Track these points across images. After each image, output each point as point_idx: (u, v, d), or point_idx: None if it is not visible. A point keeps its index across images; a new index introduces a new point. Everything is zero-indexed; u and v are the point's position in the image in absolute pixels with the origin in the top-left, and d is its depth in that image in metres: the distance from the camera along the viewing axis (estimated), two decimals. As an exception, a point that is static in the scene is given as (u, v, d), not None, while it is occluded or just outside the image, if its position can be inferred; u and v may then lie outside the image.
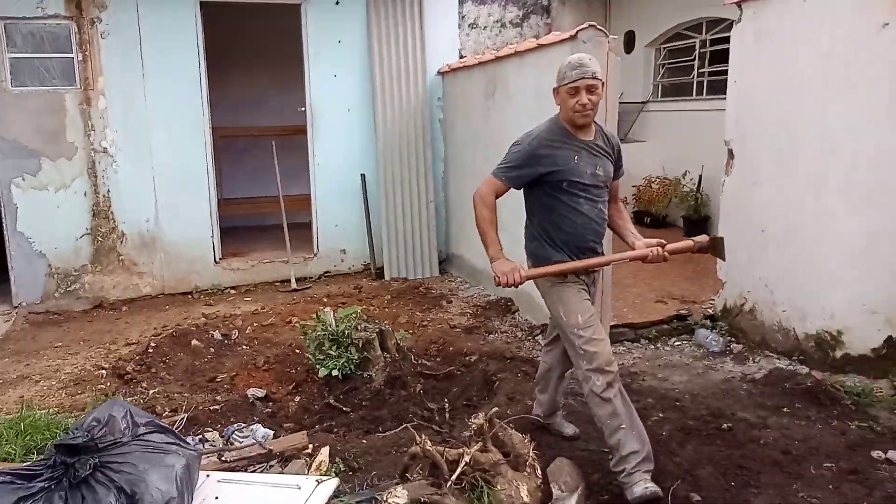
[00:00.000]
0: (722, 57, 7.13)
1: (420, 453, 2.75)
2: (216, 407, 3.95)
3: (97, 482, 2.19)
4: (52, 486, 2.20)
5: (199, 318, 5.66)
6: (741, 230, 4.71)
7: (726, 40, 5.39)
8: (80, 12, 6.00)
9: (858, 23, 3.87)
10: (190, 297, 6.51)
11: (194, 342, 4.77)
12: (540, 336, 4.90)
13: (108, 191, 6.27)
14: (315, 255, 6.99)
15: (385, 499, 2.59)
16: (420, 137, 6.86)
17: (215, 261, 6.69)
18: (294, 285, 6.59)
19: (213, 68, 6.61)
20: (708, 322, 4.99)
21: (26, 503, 2.16)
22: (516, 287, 2.95)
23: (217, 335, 4.97)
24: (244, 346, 4.90)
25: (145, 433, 2.36)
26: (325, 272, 7.01)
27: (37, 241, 6.15)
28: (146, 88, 6.24)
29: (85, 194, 6.22)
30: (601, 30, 4.41)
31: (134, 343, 5.15)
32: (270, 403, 4.18)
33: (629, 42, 9.42)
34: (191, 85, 6.37)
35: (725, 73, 4.94)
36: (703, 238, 3.07)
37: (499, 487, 2.63)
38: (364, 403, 4.15)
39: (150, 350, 4.67)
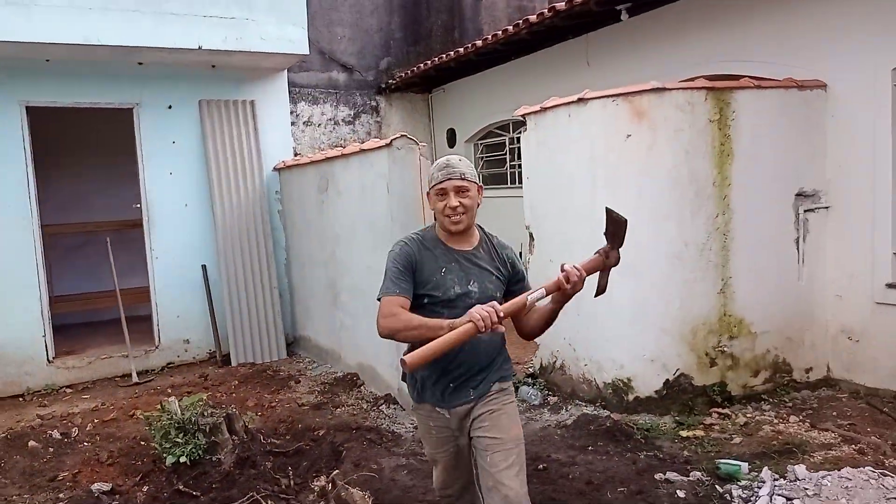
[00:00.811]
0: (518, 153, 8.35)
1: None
2: (59, 505, 3.99)
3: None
4: None
5: (33, 419, 5.52)
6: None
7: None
8: None
9: (610, 134, 4.93)
10: (21, 399, 6.28)
11: (31, 443, 4.72)
12: (384, 406, 5.37)
13: (-73, 294, 6.03)
14: (157, 346, 7.03)
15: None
16: (260, 228, 7.26)
17: (48, 360, 6.53)
18: (135, 378, 6.58)
19: (44, 165, 6.65)
20: (529, 380, 5.74)
21: None
22: (499, 328, 2.27)
23: (56, 434, 4.93)
24: (85, 443, 4.90)
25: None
26: (169, 363, 7.06)
27: None
28: (-29, 189, 6.18)
29: None
30: (412, 139, 5.18)
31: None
32: (117, 496, 4.24)
33: (451, 138, 10.52)
34: (18, 184, 6.39)
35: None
36: (603, 248, 2.65)
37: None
38: (214, 486, 4.34)
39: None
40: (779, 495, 3.55)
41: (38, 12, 5.65)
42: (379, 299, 2.55)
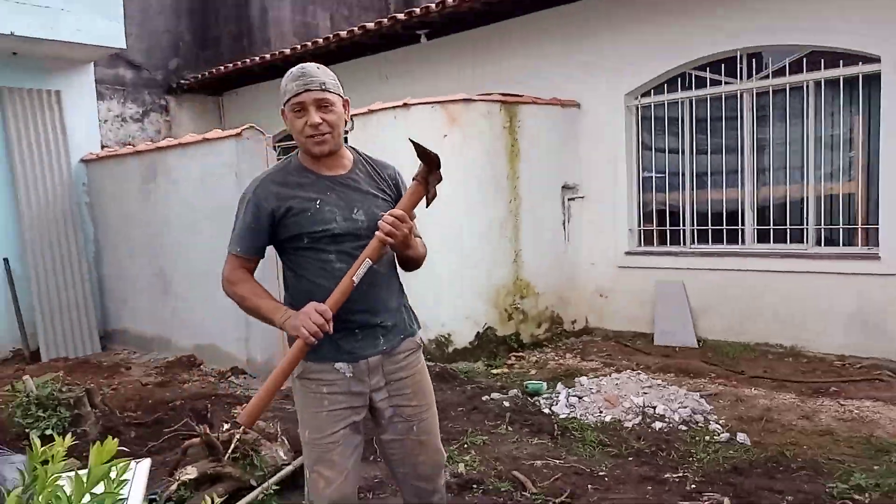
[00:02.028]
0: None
1: (198, 443, 3.59)
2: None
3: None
4: None
5: None
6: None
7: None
8: None
9: (431, 134, 6.00)
10: None
11: None
12: (232, 377, 5.82)
13: None
14: (-47, 346, 6.56)
15: (177, 477, 3.38)
16: (69, 220, 7.11)
17: None
18: (-68, 380, 6.10)
19: None
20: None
21: None
22: (329, 331, 2.03)
23: None
24: (-81, 434, 4.67)
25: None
26: (-34, 364, 6.61)
27: None
28: None
29: None
30: (259, 130, 5.77)
31: None
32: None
33: (247, 138, 10.88)
34: None
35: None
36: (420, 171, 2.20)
37: (263, 452, 3.64)
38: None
39: None
40: (573, 396, 4.87)
41: None
42: (228, 251, 2.27)
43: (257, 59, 9.29)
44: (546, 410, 4.78)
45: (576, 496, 3.47)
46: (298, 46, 8.69)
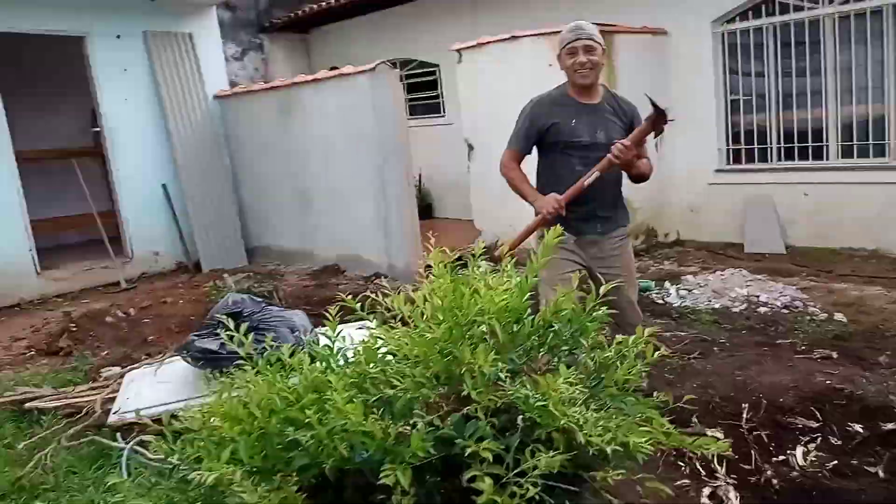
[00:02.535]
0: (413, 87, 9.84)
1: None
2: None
3: (258, 331, 3.55)
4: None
5: (60, 317, 6.15)
6: (486, 195, 7.26)
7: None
8: None
9: (535, 64, 6.63)
10: (16, 308, 6.73)
11: (109, 318, 5.53)
12: (377, 280, 6.76)
13: (-83, 214, 6.23)
14: (130, 259, 7.67)
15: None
16: (213, 151, 8.08)
17: (37, 272, 6.98)
18: (124, 284, 7.25)
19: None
20: (472, 258, 7.43)
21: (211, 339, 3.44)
22: (563, 214, 2.89)
23: (120, 314, 5.74)
24: (147, 320, 5.77)
25: (266, 306, 3.75)
26: (142, 273, 7.74)
27: None
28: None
29: None
30: (389, 64, 6.51)
31: (36, 331, 5.60)
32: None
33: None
34: (-11, 112, 6.66)
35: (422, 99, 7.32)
36: (650, 115, 2.94)
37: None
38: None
39: (73, 328, 5.31)
40: (682, 290, 5.66)
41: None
42: (507, 146, 3.25)
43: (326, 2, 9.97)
44: (660, 301, 5.58)
45: (705, 356, 4.30)
46: None
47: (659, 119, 2.97)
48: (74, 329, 5.40)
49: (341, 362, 1.85)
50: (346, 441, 1.53)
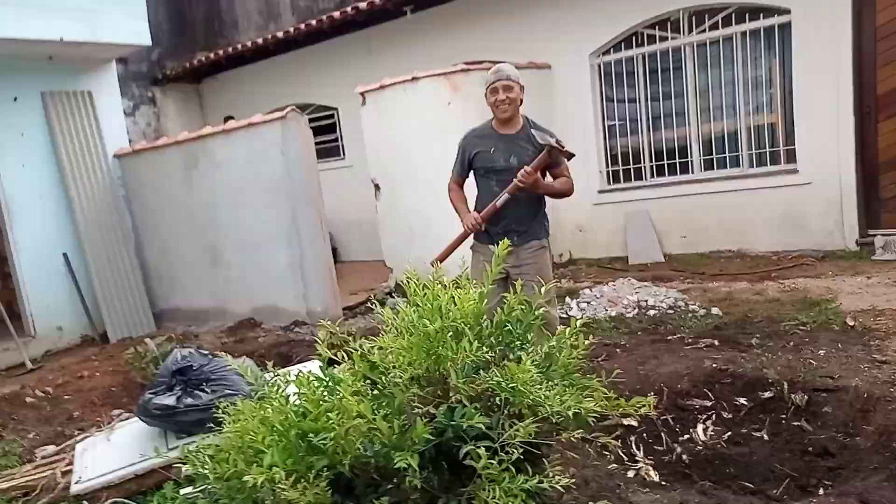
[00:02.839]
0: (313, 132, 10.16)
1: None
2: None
3: (211, 382, 3.74)
4: (182, 391, 3.66)
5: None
6: (395, 232, 7.66)
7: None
8: None
9: (435, 102, 7.19)
10: None
11: (28, 399, 5.38)
12: (297, 328, 6.93)
13: None
14: (34, 336, 7.39)
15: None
16: (111, 212, 7.94)
17: (-70, 360, 6.62)
18: (29, 365, 6.95)
19: None
20: (388, 296, 7.77)
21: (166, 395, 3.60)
22: (481, 228, 3.73)
23: (38, 392, 5.59)
24: (67, 396, 5.64)
25: (212, 358, 3.93)
26: (47, 351, 7.44)
27: None
28: None
29: None
30: (298, 111, 6.84)
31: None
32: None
33: (230, 127, 11.73)
34: None
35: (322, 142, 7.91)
36: (547, 146, 3.68)
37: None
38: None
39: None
40: (582, 303, 6.27)
41: None
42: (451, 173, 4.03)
43: (223, 51, 10.29)
44: (563, 315, 6.15)
45: (610, 357, 4.85)
46: (269, 36, 9.82)
47: (553, 150, 3.71)
48: (-8, 414, 5.23)
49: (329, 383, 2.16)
50: (361, 437, 1.86)
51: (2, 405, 5.38)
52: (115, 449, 3.72)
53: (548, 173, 3.91)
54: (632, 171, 8.18)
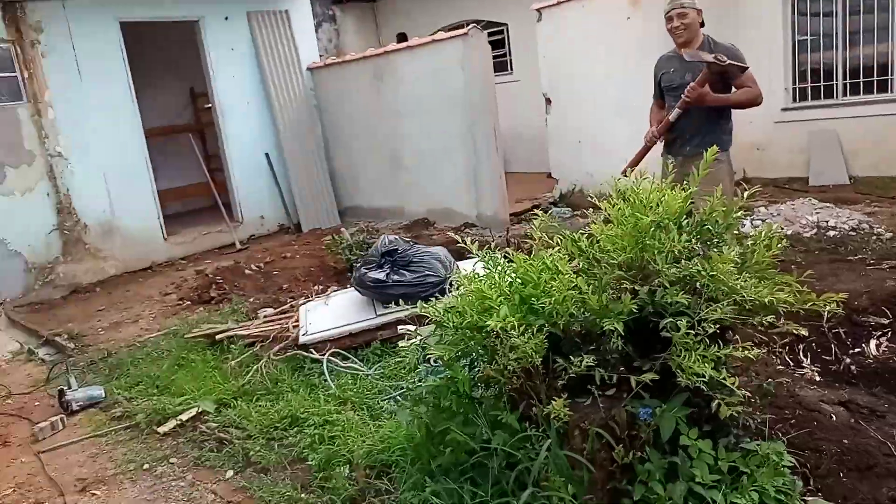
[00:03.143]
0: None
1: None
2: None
3: (412, 264, 4.29)
4: (390, 269, 4.24)
5: (193, 274, 7.02)
6: (563, 146, 7.85)
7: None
8: (20, 35, 6.78)
9: (614, 18, 7.15)
10: (150, 270, 7.65)
11: (247, 271, 6.37)
12: (467, 229, 7.45)
13: (68, 189, 7.13)
14: (241, 222, 8.53)
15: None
16: (307, 120, 8.81)
17: (164, 238, 7.88)
18: (238, 245, 8.11)
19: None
20: (551, 206, 8.07)
21: (377, 271, 4.19)
22: (656, 141, 4.14)
23: (253, 267, 6.58)
24: (276, 273, 6.59)
25: (413, 244, 4.48)
26: (251, 235, 8.59)
27: (12, 242, 6.80)
28: (86, 98, 7.21)
29: (48, 195, 7.02)
30: (479, 28, 7.10)
31: (178, 287, 6.49)
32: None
33: (402, 40, 12.20)
34: (123, 92, 7.49)
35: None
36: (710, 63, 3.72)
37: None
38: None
39: (218, 280, 6.17)
40: (756, 220, 6.20)
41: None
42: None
43: None
44: (736, 232, 6.14)
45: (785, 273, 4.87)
46: None
47: (712, 65, 3.76)
48: (221, 281, 6.25)
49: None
50: (574, 304, 2.23)
51: (226, 274, 6.41)
52: (332, 311, 4.43)
53: (732, 87, 3.97)
54: (822, 88, 7.68)
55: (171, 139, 9.45)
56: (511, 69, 10.49)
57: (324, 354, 3.98)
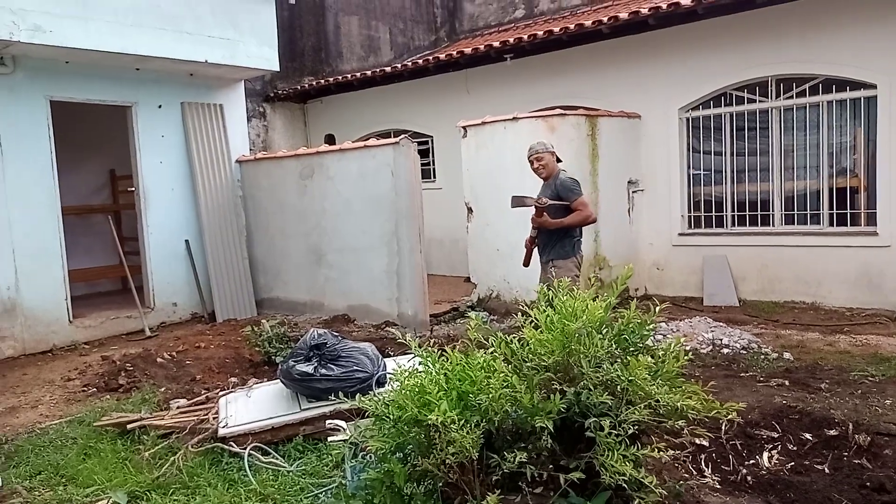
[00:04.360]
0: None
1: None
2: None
3: (341, 358, 4.37)
4: (318, 362, 4.30)
5: (98, 360, 6.73)
6: (482, 252, 8.25)
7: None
8: (-58, 106, 6.64)
9: (532, 139, 7.76)
10: (50, 354, 7.26)
11: (158, 359, 6.18)
12: (387, 328, 7.58)
13: (-29, 263, 6.80)
14: (152, 308, 8.29)
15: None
16: (231, 210, 8.88)
17: (70, 321, 7.54)
18: (148, 332, 7.86)
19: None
20: (469, 309, 8.34)
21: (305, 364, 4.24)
22: (531, 248, 5.72)
23: (166, 356, 6.38)
24: (189, 362, 6.42)
25: (342, 339, 4.57)
26: (161, 323, 8.35)
27: None
28: (4, 172, 7.04)
29: (-52, 267, 6.66)
30: (410, 139, 7.54)
31: (81, 372, 6.19)
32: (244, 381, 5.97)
33: (330, 141, 12.64)
34: (44, 169, 7.37)
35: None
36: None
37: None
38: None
39: (128, 368, 5.95)
40: (658, 334, 6.68)
41: (94, 25, 6.90)
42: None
43: (333, 79, 11.40)
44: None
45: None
46: (368, 72, 10.93)
47: (536, 205, 5.39)
48: (130, 368, 6.03)
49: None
50: (508, 402, 2.41)
51: (136, 362, 6.19)
52: (254, 404, 4.39)
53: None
54: (713, 217, 8.55)
55: (84, 218, 9.23)
56: (434, 177, 11.01)
57: (245, 448, 3.93)
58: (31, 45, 6.63)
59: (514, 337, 2.76)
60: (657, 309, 2.81)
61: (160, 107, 8.37)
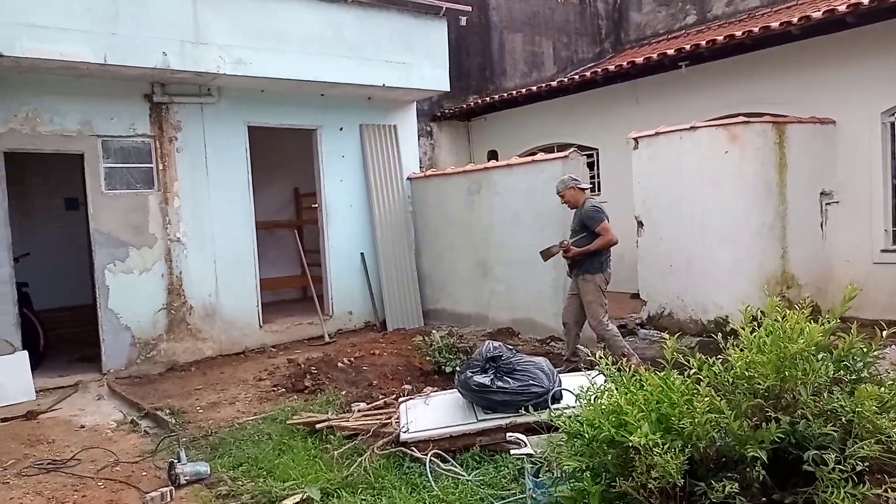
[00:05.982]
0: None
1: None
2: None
3: (516, 371, 4.36)
4: (494, 374, 4.32)
5: (285, 363, 7.26)
6: (653, 268, 7.92)
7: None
8: (161, 132, 7.54)
9: (713, 150, 7.37)
10: (243, 355, 7.94)
11: (339, 364, 6.55)
12: (551, 343, 7.50)
13: (181, 272, 7.63)
14: (330, 316, 8.83)
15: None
16: (402, 225, 9.25)
17: (259, 325, 8.22)
18: (327, 338, 8.37)
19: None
20: (638, 327, 8.04)
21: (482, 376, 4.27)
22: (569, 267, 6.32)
23: (346, 361, 6.76)
24: (365, 368, 6.74)
25: (516, 352, 4.57)
26: (338, 330, 8.86)
27: (123, 316, 7.25)
28: (210, 191, 7.85)
29: (162, 276, 7.52)
30: (579, 153, 7.44)
31: (271, 373, 6.73)
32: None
33: (493, 157, 12.80)
34: (242, 188, 8.12)
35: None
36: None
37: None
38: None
39: (312, 371, 6.36)
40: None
41: (287, 56, 7.53)
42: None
43: (498, 96, 11.58)
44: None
45: None
46: (534, 88, 10.89)
47: (560, 248, 6.30)
48: (315, 371, 6.44)
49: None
50: (715, 428, 2.26)
51: (319, 365, 6.60)
52: (432, 412, 4.50)
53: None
54: (925, 232, 7.60)
55: (272, 232, 10.04)
56: (599, 190, 10.78)
57: (426, 454, 4.03)
58: (234, 76, 7.35)
59: (716, 358, 2.60)
60: (884, 333, 2.51)
61: (341, 129, 8.93)
